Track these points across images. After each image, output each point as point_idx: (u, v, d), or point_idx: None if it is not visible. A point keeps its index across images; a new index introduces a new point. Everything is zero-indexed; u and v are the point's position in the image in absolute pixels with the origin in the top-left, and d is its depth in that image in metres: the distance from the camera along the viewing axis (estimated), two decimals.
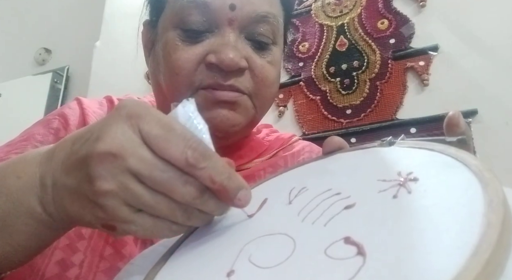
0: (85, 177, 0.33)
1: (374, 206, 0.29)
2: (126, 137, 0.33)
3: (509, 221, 0.23)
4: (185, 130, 0.34)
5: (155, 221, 0.35)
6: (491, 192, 0.24)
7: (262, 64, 0.60)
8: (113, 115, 0.34)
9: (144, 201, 0.33)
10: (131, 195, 0.33)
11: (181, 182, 0.33)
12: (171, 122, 0.34)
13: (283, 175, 0.44)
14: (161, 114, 0.34)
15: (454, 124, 0.39)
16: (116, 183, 0.32)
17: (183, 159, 0.32)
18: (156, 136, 0.33)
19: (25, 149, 0.60)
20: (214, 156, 0.34)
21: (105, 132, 0.33)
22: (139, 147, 0.33)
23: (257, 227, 0.35)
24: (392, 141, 0.38)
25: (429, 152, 0.33)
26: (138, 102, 0.35)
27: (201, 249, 0.36)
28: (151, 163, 0.32)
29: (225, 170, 0.34)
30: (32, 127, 0.66)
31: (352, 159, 0.40)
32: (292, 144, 0.76)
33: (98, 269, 0.54)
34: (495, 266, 0.20)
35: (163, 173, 0.33)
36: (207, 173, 0.33)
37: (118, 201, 0.33)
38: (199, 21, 0.58)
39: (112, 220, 0.34)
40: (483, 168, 0.27)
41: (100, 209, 0.34)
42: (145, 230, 0.35)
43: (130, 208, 0.33)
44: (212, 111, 0.58)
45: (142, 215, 0.34)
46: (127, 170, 0.32)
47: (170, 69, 0.59)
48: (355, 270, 0.23)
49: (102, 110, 0.69)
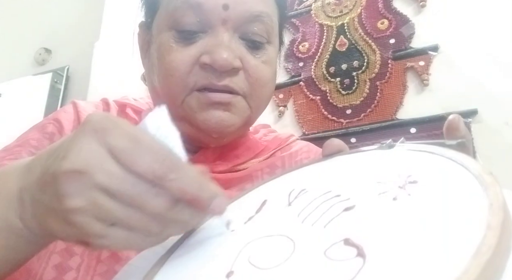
0: (55, 194, 0.33)
1: (374, 208, 0.29)
2: (92, 152, 0.32)
3: (509, 224, 0.23)
4: (152, 142, 0.33)
5: (129, 234, 0.34)
6: (491, 195, 0.24)
7: (256, 64, 0.60)
8: (79, 130, 0.34)
9: (116, 216, 0.33)
10: (101, 210, 0.32)
11: (152, 194, 0.33)
12: (138, 135, 0.33)
13: (282, 177, 0.44)
14: (129, 126, 0.34)
15: (454, 128, 0.39)
16: (85, 199, 0.32)
17: (150, 172, 0.32)
18: (123, 150, 0.32)
19: (19, 155, 0.59)
20: (183, 167, 0.33)
21: (70, 148, 0.32)
22: (106, 161, 0.32)
23: (256, 228, 0.35)
24: (391, 144, 0.38)
25: (429, 155, 0.33)
26: (105, 116, 0.34)
27: (200, 250, 0.36)
28: (119, 177, 0.32)
29: (196, 180, 0.33)
30: (28, 132, 0.66)
31: (352, 161, 0.40)
32: (289, 144, 0.76)
33: (95, 272, 0.54)
34: (495, 269, 0.20)
35: (132, 187, 0.32)
36: (176, 185, 0.33)
37: (88, 217, 0.32)
38: (193, 21, 0.58)
39: (85, 236, 0.34)
40: (483, 171, 0.27)
41: (71, 225, 0.33)
42: (119, 243, 0.34)
43: (103, 223, 0.33)
44: (207, 113, 0.58)
45: (115, 229, 0.33)
46: (95, 186, 0.32)
47: (164, 71, 0.59)
48: (355, 272, 0.23)
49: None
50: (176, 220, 0.35)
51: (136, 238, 0.34)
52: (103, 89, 1.79)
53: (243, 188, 0.65)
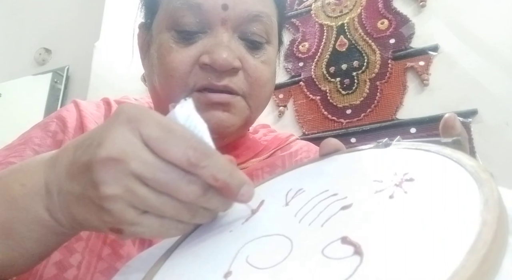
0: (90, 183, 0.34)
1: (370, 206, 0.29)
2: (127, 141, 0.33)
3: (505, 220, 0.23)
4: (184, 131, 0.34)
5: (161, 221, 0.35)
6: (486, 191, 0.25)
7: (255, 64, 0.61)
8: (112, 120, 0.35)
9: (150, 203, 0.34)
10: (136, 197, 0.33)
11: (185, 182, 0.34)
12: (171, 124, 0.34)
13: (279, 177, 0.44)
14: (160, 116, 0.35)
15: (450, 126, 0.39)
16: (121, 187, 0.33)
17: (185, 160, 0.33)
18: (156, 138, 0.33)
19: (23, 153, 0.60)
20: (215, 155, 0.34)
21: (105, 137, 0.33)
22: (141, 150, 0.33)
23: (254, 228, 0.35)
24: (388, 143, 0.38)
25: (425, 153, 0.33)
26: (137, 106, 0.36)
27: (198, 251, 0.36)
28: (153, 165, 0.33)
29: (226, 167, 0.34)
30: (30, 130, 0.66)
31: (349, 160, 0.40)
32: (289, 144, 0.76)
33: (96, 269, 0.54)
34: (491, 264, 0.20)
35: (166, 174, 0.33)
36: (209, 172, 0.34)
37: (123, 204, 0.33)
38: (192, 22, 0.59)
39: (119, 224, 0.35)
40: (478, 168, 0.27)
41: (106, 213, 0.34)
42: (152, 231, 0.35)
43: (136, 210, 0.34)
44: (206, 113, 0.58)
45: (148, 217, 0.35)
46: (130, 173, 0.33)
47: (164, 71, 0.60)
48: (352, 269, 0.24)
49: (99, 112, 0.70)
50: (206, 207, 0.36)
51: (168, 225, 0.36)
52: (103, 89, 1.79)
53: None
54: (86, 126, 0.64)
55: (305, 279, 0.25)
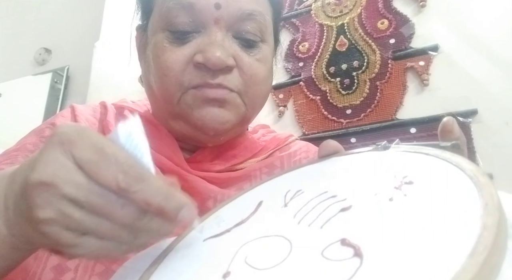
0: (26, 205, 0.34)
1: (370, 208, 0.29)
2: (59, 164, 0.33)
3: (504, 223, 0.23)
4: (118, 153, 0.33)
5: (101, 243, 0.34)
6: (486, 195, 0.25)
7: (250, 62, 0.61)
8: (47, 142, 0.34)
9: (86, 226, 0.33)
10: (70, 220, 0.33)
11: (119, 205, 0.33)
12: (104, 146, 0.33)
13: (278, 178, 0.44)
14: (96, 137, 0.34)
15: (448, 131, 0.40)
16: (54, 210, 0.32)
17: (114, 184, 0.32)
18: (88, 161, 0.33)
19: (15, 159, 0.60)
20: (148, 178, 0.33)
21: (38, 161, 0.33)
22: (73, 173, 0.32)
23: (253, 229, 0.35)
24: (387, 146, 0.38)
25: (424, 156, 0.33)
26: (73, 127, 0.35)
27: (197, 251, 0.36)
28: (86, 188, 0.32)
29: (161, 191, 0.33)
30: (27, 136, 0.67)
31: (348, 162, 0.40)
32: (288, 144, 0.76)
33: (93, 272, 0.54)
34: (491, 268, 0.21)
35: (99, 197, 0.33)
36: (140, 196, 0.33)
37: (58, 227, 0.33)
38: (186, 22, 0.59)
39: (58, 246, 0.34)
40: (477, 172, 0.27)
41: (44, 236, 0.34)
42: (92, 252, 0.35)
43: (73, 232, 0.33)
44: (202, 110, 0.59)
45: (87, 238, 0.34)
46: (63, 197, 0.32)
47: (159, 71, 0.60)
48: (352, 271, 0.24)
49: (95, 117, 0.70)
50: (147, 229, 0.35)
51: (109, 246, 0.35)
52: (103, 89, 1.79)
53: (241, 187, 0.65)
54: None
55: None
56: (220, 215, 0.40)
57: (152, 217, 0.34)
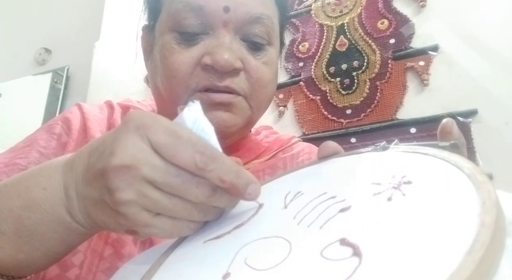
0: (105, 189, 0.35)
1: (369, 208, 0.30)
2: (137, 148, 0.34)
3: (502, 221, 0.23)
4: (191, 135, 0.35)
5: (174, 222, 0.37)
6: (484, 193, 0.25)
7: (257, 65, 0.61)
8: (122, 128, 0.36)
9: (162, 206, 0.35)
10: (149, 201, 0.35)
11: (194, 184, 0.35)
12: (178, 129, 0.35)
13: (277, 179, 0.44)
14: (168, 121, 0.36)
15: (447, 132, 0.40)
16: (134, 192, 0.34)
17: (192, 164, 0.34)
18: (164, 144, 0.34)
19: (29, 154, 0.61)
20: (221, 157, 0.36)
21: (117, 146, 0.35)
22: (150, 156, 0.34)
23: (252, 230, 0.35)
24: (385, 146, 0.38)
25: (422, 156, 0.34)
26: (145, 113, 0.37)
27: (196, 253, 0.36)
28: (163, 170, 0.34)
29: (232, 169, 0.36)
30: (35, 132, 0.67)
31: (347, 163, 0.40)
32: (291, 145, 0.76)
33: (98, 269, 0.55)
34: (489, 265, 0.21)
35: (176, 178, 0.35)
36: (216, 174, 0.35)
37: (137, 208, 0.35)
38: (194, 24, 0.59)
39: (134, 226, 0.36)
40: (475, 171, 0.28)
41: (122, 217, 0.36)
42: (165, 232, 0.37)
43: (150, 213, 0.36)
44: (208, 114, 0.58)
45: (161, 218, 0.36)
46: (142, 179, 0.34)
47: (167, 72, 0.60)
48: (351, 270, 0.24)
49: (103, 114, 0.70)
50: (216, 206, 0.38)
51: (181, 225, 0.37)
52: (103, 89, 1.79)
53: None
54: (89, 128, 0.65)
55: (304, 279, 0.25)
56: (221, 217, 0.40)
57: (221, 194, 0.37)
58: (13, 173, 0.57)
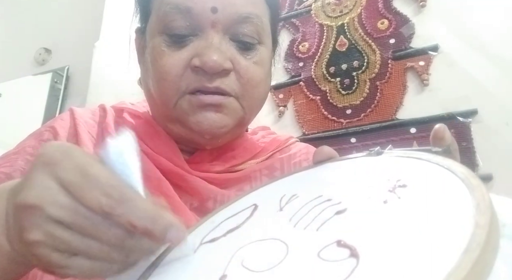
0: (17, 226, 0.34)
1: (365, 211, 0.30)
2: (43, 186, 0.33)
3: (496, 223, 0.24)
4: (100, 175, 0.33)
5: (92, 263, 0.34)
6: (478, 196, 0.25)
7: (247, 65, 0.61)
8: (33, 164, 0.34)
9: (74, 246, 0.33)
10: (59, 242, 0.33)
11: (106, 226, 0.33)
12: (87, 167, 0.33)
13: (272, 184, 0.45)
14: (81, 157, 0.34)
15: (439, 138, 0.40)
16: (41, 232, 0.32)
17: (98, 207, 0.32)
18: (71, 183, 0.33)
19: (15, 163, 0.60)
20: (133, 200, 0.33)
21: (25, 183, 0.33)
22: (58, 194, 0.32)
23: (249, 233, 0.35)
24: (380, 151, 0.39)
25: (416, 161, 0.34)
26: (58, 147, 0.35)
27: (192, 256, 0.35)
28: (72, 209, 0.32)
29: (147, 213, 0.33)
30: (26, 139, 0.67)
31: (342, 167, 0.41)
32: (288, 146, 0.76)
33: None
34: (484, 264, 0.21)
35: (86, 218, 0.33)
36: (125, 219, 0.32)
37: (47, 249, 0.33)
38: (183, 25, 0.59)
39: (49, 267, 0.34)
40: (469, 175, 0.28)
41: (34, 257, 0.34)
42: (83, 273, 0.34)
43: (63, 254, 0.33)
44: (199, 115, 0.59)
45: (77, 259, 0.34)
46: (49, 218, 0.32)
47: (157, 75, 0.60)
48: (349, 271, 0.24)
49: (94, 120, 0.70)
50: (138, 247, 0.35)
51: (101, 266, 0.35)
52: (103, 89, 1.79)
53: (241, 188, 0.65)
54: (79, 134, 0.65)
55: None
56: (216, 220, 0.40)
57: (140, 237, 0.34)
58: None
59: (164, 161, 0.63)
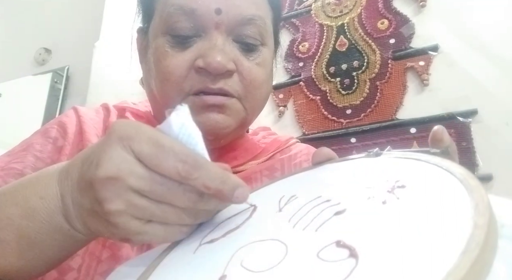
0: (94, 199, 0.36)
1: (364, 211, 0.30)
2: (121, 159, 0.35)
3: (494, 223, 0.24)
4: (174, 144, 0.36)
5: (165, 227, 0.37)
6: (476, 197, 0.26)
7: (250, 66, 0.61)
8: (106, 139, 0.37)
9: (151, 213, 0.36)
10: (138, 210, 0.35)
11: (180, 190, 0.36)
12: (160, 138, 0.36)
13: (271, 185, 0.45)
14: (151, 130, 0.36)
15: (438, 139, 0.40)
16: (122, 202, 0.35)
17: (175, 173, 0.35)
18: (147, 154, 0.35)
19: (25, 159, 0.61)
20: (205, 164, 0.36)
21: (101, 158, 0.35)
22: (135, 166, 0.35)
23: (248, 233, 0.35)
24: (378, 152, 0.39)
25: (415, 162, 0.34)
26: (128, 123, 0.37)
27: (191, 256, 0.36)
28: (149, 178, 0.35)
29: (218, 175, 0.36)
30: (31, 136, 0.67)
31: (341, 169, 0.41)
32: (289, 146, 0.76)
33: (96, 272, 0.55)
34: (483, 265, 0.21)
35: (162, 186, 0.35)
36: (200, 182, 0.35)
37: (127, 217, 0.36)
38: (187, 27, 0.59)
39: (126, 234, 0.37)
40: (467, 176, 0.28)
41: (113, 226, 0.36)
42: (158, 238, 0.38)
43: (140, 221, 0.36)
44: (202, 116, 0.59)
45: (152, 225, 0.37)
46: (129, 188, 0.35)
47: (160, 76, 0.60)
48: (348, 271, 0.24)
49: (99, 117, 0.71)
50: (206, 209, 0.39)
51: (172, 230, 0.38)
52: (103, 89, 1.79)
53: None
54: (85, 131, 0.65)
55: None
56: (215, 221, 0.40)
57: (209, 198, 0.37)
58: (9, 177, 0.58)
59: None
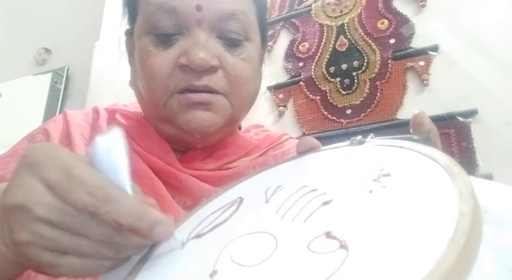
0: (6, 227, 0.34)
1: (351, 201, 0.30)
2: (28, 187, 0.33)
3: (479, 210, 0.24)
4: (85, 174, 0.33)
5: (83, 261, 0.34)
6: (460, 183, 0.26)
7: (234, 62, 0.61)
8: (18, 165, 0.34)
9: (64, 245, 0.33)
10: (48, 241, 0.33)
11: (93, 224, 0.33)
12: (71, 166, 0.33)
13: (257, 175, 0.44)
14: (65, 157, 0.34)
15: (419, 123, 0.40)
16: (29, 233, 0.32)
17: (83, 207, 0.32)
18: (55, 183, 0.32)
19: (8, 165, 0.60)
20: (118, 199, 0.32)
21: (11, 185, 0.34)
22: (43, 195, 0.32)
23: (236, 227, 0.35)
24: (362, 140, 0.39)
25: (398, 149, 0.34)
26: (44, 148, 0.35)
27: (180, 253, 0.35)
28: (59, 209, 0.32)
29: (132, 211, 0.33)
30: (19, 142, 0.68)
31: (325, 157, 0.41)
32: (282, 142, 0.76)
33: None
34: (470, 252, 0.22)
35: (73, 217, 0.32)
36: (111, 218, 0.32)
37: (36, 249, 0.33)
38: (169, 25, 0.60)
39: (40, 266, 0.34)
40: (450, 163, 0.29)
41: (24, 257, 0.34)
42: (75, 272, 0.34)
43: (53, 253, 0.33)
44: (188, 114, 0.59)
45: (68, 258, 0.34)
46: (37, 219, 0.32)
47: (146, 75, 0.61)
48: (339, 262, 0.24)
49: (87, 122, 0.70)
50: (127, 244, 0.35)
51: (92, 264, 0.35)
52: (103, 89, 1.79)
53: None
54: (72, 136, 0.65)
55: (293, 273, 0.25)
56: (201, 215, 0.40)
57: (129, 233, 0.34)
58: None
59: (156, 160, 0.63)
